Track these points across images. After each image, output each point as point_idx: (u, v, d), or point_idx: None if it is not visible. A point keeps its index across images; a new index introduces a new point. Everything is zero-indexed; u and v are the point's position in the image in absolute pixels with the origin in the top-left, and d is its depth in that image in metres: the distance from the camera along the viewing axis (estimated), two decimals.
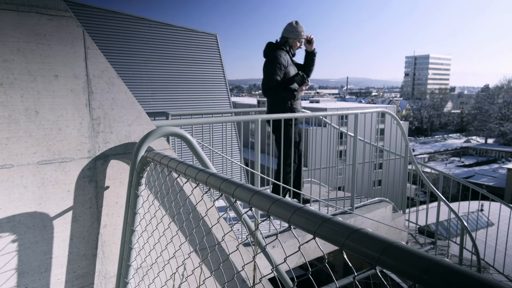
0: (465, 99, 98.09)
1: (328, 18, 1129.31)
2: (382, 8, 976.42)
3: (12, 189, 1.41)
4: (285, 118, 3.26)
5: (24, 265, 1.45)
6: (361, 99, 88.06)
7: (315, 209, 0.76)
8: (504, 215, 4.74)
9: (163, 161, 1.33)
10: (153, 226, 1.60)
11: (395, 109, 43.14)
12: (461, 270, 0.49)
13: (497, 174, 38.42)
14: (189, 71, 9.38)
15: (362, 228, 0.63)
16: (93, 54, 1.57)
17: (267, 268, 2.70)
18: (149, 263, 1.68)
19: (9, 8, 1.37)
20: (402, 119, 52.84)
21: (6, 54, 1.37)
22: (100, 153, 1.60)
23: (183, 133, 1.61)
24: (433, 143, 61.59)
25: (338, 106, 30.67)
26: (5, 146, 1.39)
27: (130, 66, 8.51)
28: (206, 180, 1.06)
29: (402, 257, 0.55)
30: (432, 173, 20.53)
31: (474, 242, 4.34)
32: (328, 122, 4.20)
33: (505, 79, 68.47)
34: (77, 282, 1.58)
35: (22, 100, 1.41)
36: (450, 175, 5.31)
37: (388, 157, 4.90)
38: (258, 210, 1.24)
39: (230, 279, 1.37)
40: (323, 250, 0.74)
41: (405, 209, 4.38)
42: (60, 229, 1.52)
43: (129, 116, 1.68)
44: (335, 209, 3.67)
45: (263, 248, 2.15)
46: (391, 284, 4.74)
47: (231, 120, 3.02)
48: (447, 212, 4.65)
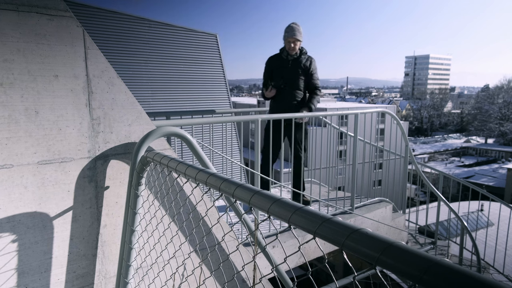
0: (465, 99, 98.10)
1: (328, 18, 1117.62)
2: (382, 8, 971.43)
3: (12, 189, 1.41)
4: (286, 118, 3.26)
5: (24, 265, 1.45)
6: (361, 99, 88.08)
7: (315, 209, 0.76)
8: (504, 215, 4.73)
9: (163, 161, 1.33)
10: (153, 226, 1.60)
11: (395, 109, 43.13)
12: (461, 270, 0.49)
13: (497, 174, 38.42)
14: (189, 71, 9.37)
15: (362, 228, 0.63)
16: (93, 54, 1.57)
17: (267, 268, 2.70)
18: (149, 263, 1.68)
19: (9, 8, 1.37)
20: (402, 119, 52.83)
21: (6, 54, 1.37)
22: (100, 153, 1.60)
23: (183, 133, 1.61)
24: (433, 143, 61.59)
25: (338, 106, 30.65)
26: (5, 146, 1.39)
27: (130, 66, 8.50)
28: (206, 180, 1.06)
29: (402, 257, 0.55)
30: (432, 173, 20.53)
31: (474, 242, 4.35)
32: (328, 122, 4.20)
33: (505, 79, 68.52)
34: (77, 282, 1.58)
35: (22, 100, 1.41)
36: (450, 175, 5.31)
37: (388, 157, 4.90)
38: (258, 210, 1.24)
39: (230, 279, 1.37)
40: (323, 250, 0.74)
41: (405, 209, 4.38)
42: (60, 229, 1.52)
43: (129, 116, 1.68)
44: (335, 209, 3.67)
45: (263, 248, 2.15)
46: (391, 284, 4.74)
47: (231, 120, 3.02)
48: (447, 212, 4.65)
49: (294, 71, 3.80)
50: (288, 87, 3.79)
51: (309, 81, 3.83)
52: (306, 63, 3.81)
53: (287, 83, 3.77)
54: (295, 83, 3.79)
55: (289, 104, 3.79)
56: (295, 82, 3.79)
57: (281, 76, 3.79)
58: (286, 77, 3.79)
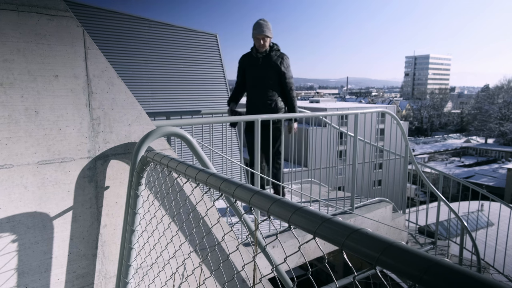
0: (465, 99, 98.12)
1: (328, 18, 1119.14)
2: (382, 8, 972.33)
3: (12, 189, 1.41)
4: (286, 118, 3.26)
5: (24, 265, 1.45)
6: (361, 99, 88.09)
7: (315, 209, 0.76)
8: (504, 215, 4.73)
9: (163, 161, 1.33)
10: (153, 226, 1.60)
11: (395, 109, 43.15)
12: (461, 270, 0.49)
13: (497, 174, 38.42)
14: (189, 71, 9.37)
15: (362, 228, 0.63)
16: (93, 54, 1.57)
17: (267, 268, 2.70)
18: (149, 263, 1.68)
19: (9, 8, 1.37)
20: (402, 119, 52.85)
21: (6, 54, 1.37)
22: (100, 153, 1.60)
23: (183, 133, 1.61)
24: (433, 143, 61.58)
25: (338, 106, 30.67)
26: (5, 146, 1.39)
27: (130, 66, 8.50)
28: (206, 180, 1.06)
29: (402, 257, 0.55)
30: (432, 173, 20.54)
31: (474, 242, 4.35)
32: (328, 122, 4.20)
33: (505, 79, 68.53)
34: (77, 282, 1.58)
35: (22, 100, 1.41)
36: (450, 175, 5.31)
37: (388, 157, 4.90)
38: (258, 210, 1.24)
39: (230, 279, 1.37)
40: (323, 250, 0.74)
41: (405, 209, 4.38)
42: (60, 229, 1.52)
43: (129, 116, 1.68)
44: (335, 209, 3.67)
45: (263, 248, 2.15)
46: (391, 284, 4.74)
47: (231, 120, 3.02)
48: (447, 212, 4.65)
49: (264, 69, 3.64)
50: (259, 87, 3.65)
51: (282, 80, 3.64)
52: (277, 60, 3.62)
53: (256, 84, 3.66)
54: (266, 82, 3.63)
55: (262, 104, 3.63)
56: (266, 81, 3.63)
57: (253, 76, 3.69)
58: (256, 76, 3.67)
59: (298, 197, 4.12)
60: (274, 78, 3.63)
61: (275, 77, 3.63)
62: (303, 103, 38.73)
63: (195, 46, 9.44)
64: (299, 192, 3.68)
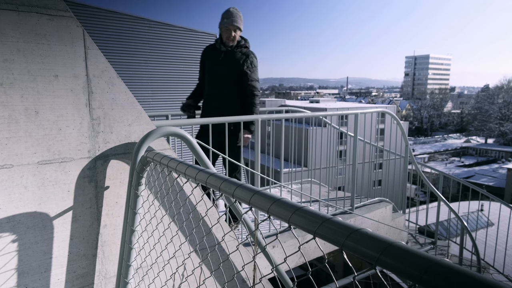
0: (465, 99, 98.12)
1: (328, 18, 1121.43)
2: (382, 8, 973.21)
3: (12, 189, 1.41)
4: (286, 118, 3.26)
5: (24, 265, 1.45)
6: (361, 99, 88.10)
7: (315, 209, 0.76)
8: (504, 215, 4.73)
9: (163, 161, 1.33)
10: (153, 226, 1.60)
11: (395, 109, 43.15)
12: (461, 270, 0.49)
13: (497, 174, 38.43)
14: (189, 71, 9.38)
15: (362, 228, 0.63)
16: (93, 54, 1.57)
17: (267, 268, 2.69)
18: (149, 263, 1.68)
19: (9, 8, 1.37)
20: (402, 119, 52.84)
21: (6, 54, 1.37)
22: (100, 153, 1.60)
23: (183, 133, 1.61)
24: (433, 143, 61.60)
25: (338, 106, 30.68)
26: (5, 146, 1.39)
27: (130, 66, 8.51)
28: (206, 180, 1.06)
29: (402, 257, 0.55)
30: (432, 173, 20.53)
31: (474, 242, 4.35)
32: (328, 122, 4.20)
33: (505, 79, 68.53)
34: (77, 282, 1.58)
35: (22, 100, 1.41)
36: (450, 175, 5.31)
37: (388, 157, 4.90)
38: (258, 210, 1.24)
39: (230, 279, 1.36)
40: (323, 250, 0.74)
41: (405, 209, 4.38)
42: (60, 229, 1.52)
43: (129, 116, 1.68)
44: (335, 209, 3.67)
45: (263, 248, 2.15)
46: (391, 284, 4.74)
47: (231, 120, 3.02)
48: (447, 212, 4.65)
49: (224, 67, 3.14)
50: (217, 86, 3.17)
51: (243, 82, 3.10)
52: (240, 58, 3.11)
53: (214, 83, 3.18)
54: (226, 82, 3.13)
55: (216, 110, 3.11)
56: (225, 81, 3.14)
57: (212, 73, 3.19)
58: (215, 74, 3.18)
59: (298, 197, 4.12)
60: (236, 78, 3.12)
61: (235, 77, 3.12)
62: (303, 103, 38.72)
63: (195, 46, 9.45)
64: (299, 192, 3.68)
